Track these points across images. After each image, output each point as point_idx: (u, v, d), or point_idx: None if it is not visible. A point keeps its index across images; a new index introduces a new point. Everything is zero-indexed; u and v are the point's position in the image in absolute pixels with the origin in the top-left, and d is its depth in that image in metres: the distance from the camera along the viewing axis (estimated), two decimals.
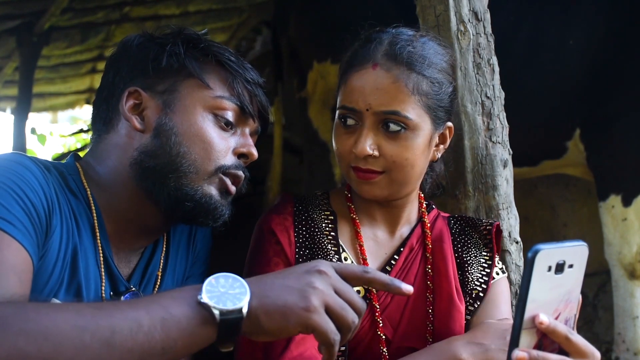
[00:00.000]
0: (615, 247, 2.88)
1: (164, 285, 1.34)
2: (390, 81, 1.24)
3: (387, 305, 1.32)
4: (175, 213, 1.25)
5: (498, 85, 1.64)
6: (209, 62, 1.28)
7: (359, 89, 1.25)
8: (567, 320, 0.93)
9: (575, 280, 0.92)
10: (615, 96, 2.81)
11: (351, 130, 1.28)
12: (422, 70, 1.27)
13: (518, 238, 1.61)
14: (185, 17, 5.42)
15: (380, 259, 1.36)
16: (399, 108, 1.24)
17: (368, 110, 1.24)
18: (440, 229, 1.41)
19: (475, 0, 1.61)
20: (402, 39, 1.28)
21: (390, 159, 1.26)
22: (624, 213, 2.84)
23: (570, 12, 2.87)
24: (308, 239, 1.31)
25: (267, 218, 1.34)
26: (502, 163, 1.61)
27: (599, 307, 3.79)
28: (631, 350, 2.88)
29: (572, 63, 2.86)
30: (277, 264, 1.28)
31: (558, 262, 0.88)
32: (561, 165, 3.19)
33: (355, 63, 1.28)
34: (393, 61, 1.25)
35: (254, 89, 1.31)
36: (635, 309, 2.88)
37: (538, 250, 0.86)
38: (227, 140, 1.27)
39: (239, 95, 1.28)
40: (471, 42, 1.60)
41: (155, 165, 1.22)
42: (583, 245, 0.91)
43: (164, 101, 1.25)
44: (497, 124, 1.62)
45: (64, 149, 8.16)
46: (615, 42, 2.79)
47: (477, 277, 1.37)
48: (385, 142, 1.26)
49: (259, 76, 1.33)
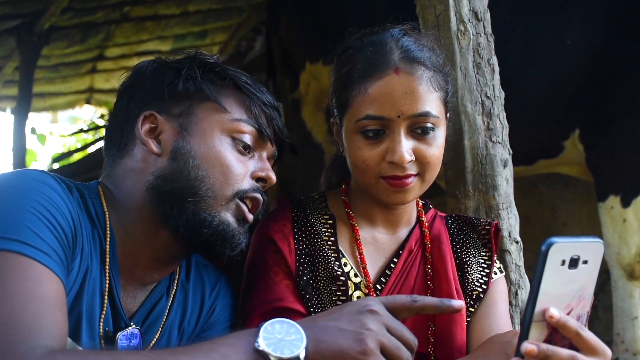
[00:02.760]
0: (614, 248, 2.88)
1: (169, 322, 1.29)
2: (416, 83, 1.23)
3: None
4: (192, 240, 1.22)
5: (498, 85, 1.64)
6: (225, 85, 1.27)
7: (386, 97, 1.22)
8: (580, 316, 0.92)
9: (589, 277, 0.91)
10: (614, 97, 2.81)
11: (377, 140, 1.25)
12: (436, 66, 1.27)
13: (518, 238, 1.61)
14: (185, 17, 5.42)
15: (380, 262, 1.35)
16: (428, 108, 1.23)
17: (399, 116, 1.22)
18: (438, 229, 1.41)
19: (475, 0, 1.61)
20: (411, 39, 1.28)
21: (425, 161, 1.25)
22: (623, 214, 2.84)
23: (569, 11, 2.87)
24: (308, 246, 1.30)
25: (266, 225, 1.33)
26: (502, 163, 1.61)
27: (599, 307, 3.79)
28: (630, 351, 2.88)
29: (570, 63, 2.86)
30: (277, 273, 1.27)
31: (572, 257, 0.87)
32: (556, 164, 3.19)
33: (372, 71, 1.24)
34: (412, 63, 1.24)
35: (271, 112, 1.29)
36: (634, 309, 2.88)
37: (552, 243, 0.86)
38: (246, 164, 1.25)
39: (257, 118, 1.26)
40: (471, 42, 1.60)
41: (172, 189, 1.19)
42: (599, 242, 0.90)
43: (181, 124, 1.23)
44: (497, 123, 1.62)
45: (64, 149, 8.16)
46: (614, 42, 2.79)
47: (477, 278, 1.36)
48: (418, 145, 1.24)
49: (275, 99, 1.32)
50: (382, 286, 1.31)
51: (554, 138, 3.01)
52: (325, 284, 1.27)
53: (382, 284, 1.32)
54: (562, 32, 2.85)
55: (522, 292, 1.58)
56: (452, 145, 1.61)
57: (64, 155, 7.18)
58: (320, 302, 1.25)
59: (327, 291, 1.26)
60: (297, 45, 3.68)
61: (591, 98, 2.84)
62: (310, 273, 1.27)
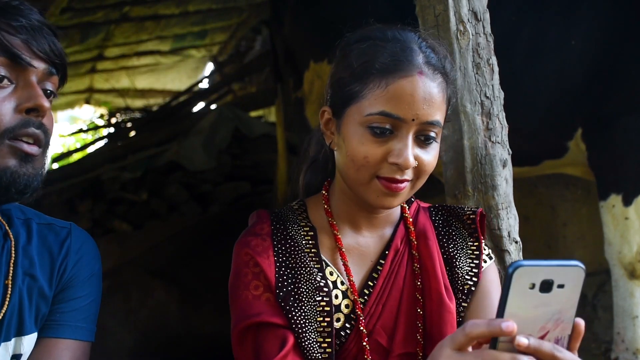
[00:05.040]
0: (615, 247, 2.87)
1: (16, 294, 1.22)
2: (436, 91, 1.21)
3: (380, 314, 1.29)
4: None
5: (497, 85, 1.63)
6: None
7: (407, 97, 1.19)
8: (558, 339, 0.90)
9: (568, 301, 0.88)
10: (616, 96, 2.81)
11: (383, 139, 1.21)
12: (453, 78, 1.26)
13: (517, 238, 1.61)
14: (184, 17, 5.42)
15: (367, 266, 1.32)
16: (439, 117, 1.22)
17: (414, 120, 1.19)
18: (423, 223, 1.38)
19: (474, 0, 1.60)
20: (430, 44, 1.26)
21: (423, 169, 1.23)
22: (625, 212, 2.83)
23: (573, 11, 2.87)
24: (289, 258, 1.28)
25: (245, 240, 1.30)
26: (502, 163, 1.60)
27: (599, 306, 3.79)
28: (630, 350, 2.88)
29: (574, 63, 2.86)
30: (257, 286, 1.25)
31: (544, 280, 0.85)
32: (562, 165, 3.19)
33: (398, 68, 1.20)
34: (434, 70, 1.22)
35: (28, 34, 1.16)
36: (634, 308, 2.88)
37: (517, 267, 0.84)
38: (7, 100, 1.13)
39: (4, 45, 1.13)
40: (470, 42, 1.60)
41: None
42: (578, 266, 0.87)
43: None
44: (496, 123, 1.61)
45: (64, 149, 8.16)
46: (617, 42, 2.79)
47: (467, 271, 1.33)
48: (420, 152, 1.22)
49: (38, 15, 1.20)
50: (371, 290, 1.29)
51: (558, 138, 3.02)
52: (308, 296, 1.24)
53: (370, 288, 1.30)
54: (566, 32, 2.86)
55: None
56: (451, 145, 1.61)
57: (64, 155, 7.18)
58: (302, 313, 1.23)
59: (310, 302, 1.24)
60: (301, 44, 3.67)
61: (593, 97, 2.85)
62: (291, 285, 1.25)
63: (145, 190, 5.24)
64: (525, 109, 2.78)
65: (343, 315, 1.27)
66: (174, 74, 7.84)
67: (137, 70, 7.30)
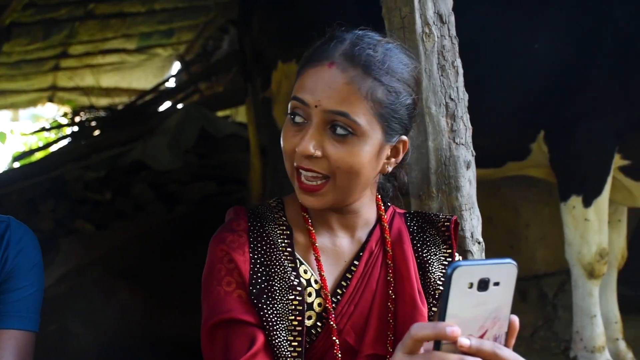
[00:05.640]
0: (575, 247, 2.93)
1: None
2: (344, 82, 1.20)
3: (352, 314, 1.29)
4: None
5: (462, 88, 1.65)
6: None
7: (311, 84, 1.21)
8: (497, 337, 0.91)
9: (504, 298, 0.90)
10: (578, 99, 2.87)
11: (299, 128, 1.23)
12: (379, 76, 1.22)
13: (480, 239, 1.63)
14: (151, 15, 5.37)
15: (340, 267, 1.32)
16: (348, 110, 1.19)
17: (317, 106, 1.20)
18: (398, 227, 1.38)
19: (440, 3, 1.62)
20: (364, 42, 1.24)
21: (335, 164, 1.21)
22: (585, 214, 2.89)
23: (536, 16, 2.92)
24: (264, 256, 1.27)
25: (221, 236, 1.29)
26: (465, 164, 1.62)
27: (559, 306, 3.86)
28: (588, 348, 2.94)
29: (537, 66, 2.91)
30: (230, 283, 1.25)
31: (482, 279, 0.87)
32: (525, 167, 3.24)
33: (313, 59, 1.24)
34: (350, 62, 1.21)
35: None
36: (593, 307, 2.94)
37: (456, 267, 0.86)
38: None
39: None
40: (436, 45, 1.61)
41: None
42: (511, 263, 0.89)
43: None
44: (460, 125, 1.63)
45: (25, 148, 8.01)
46: (579, 46, 2.85)
47: (439, 277, 1.35)
48: (331, 145, 1.21)
49: None
50: (343, 290, 1.30)
51: (521, 141, 3.07)
52: (281, 294, 1.24)
53: (343, 288, 1.30)
54: (530, 35, 2.91)
55: None
56: (416, 147, 1.63)
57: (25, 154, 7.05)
58: (274, 312, 1.23)
59: (282, 300, 1.24)
60: (269, 45, 3.67)
61: (556, 100, 2.90)
62: (265, 282, 1.25)
63: (109, 189, 5.17)
64: (490, 112, 2.82)
65: (315, 314, 1.27)
66: (140, 73, 7.76)
67: (102, 69, 7.20)
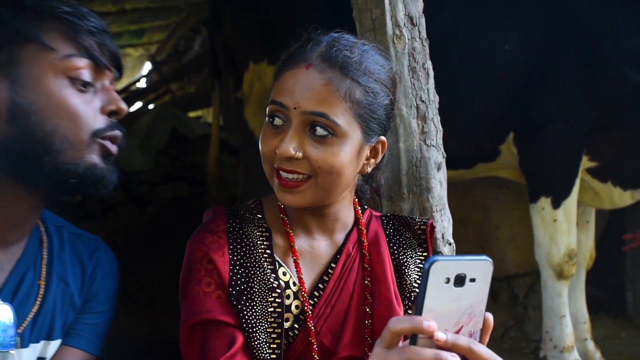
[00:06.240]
0: (544, 248, 2.97)
1: (51, 296, 1.23)
2: (322, 83, 1.21)
3: (328, 316, 1.30)
4: (58, 192, 1.17)
5: (433, 89, 1.66)
6: (43, 19, 1.13)
7: (290, 87, 1.22)
8: (472, 333, 0.93)
9: (479, 294, 0.91)
10: (546, 101, 2.91)
11: (278, 130, 1.24)
12: (356, 76, 1.23)
13: (451, 240, 1.64)
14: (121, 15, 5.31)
15: (318, 269, 1.33)
16: (327, 111, 1.20)
17: (296, 108, 1.20)
18: (375, 230, 1.40)
19: (410, 5, 1.63)
20: (341, 44, 1.25)
21: (315, 164, 1.22)
22: (554, 215, 2.93)
23: (506, 17, 2.95)
24: (243, 257, 1.27)
25: (200, 237, 1.29)
26: (436, 166, 1.63)
27: (529, 306, 3.90)
28: (558, 348, 2.98)
29: (507, 68, 2.94)
30: (209, 283, 1.25)
31: (458, 275, 0.88)
32: (495, 168, 3.27)
33: (290, 62, 1.25)
34: (327, 63, 1.22)
35: (100, 37, 1.18)
36: (562, 308, 2.98)
37: (434, 261, 0.87)
38: (92, 102, 1.16)
39: (87, 49, 1.15)
40: (406, 47, 1.62)
41: (23, 151, 1.11)
42: (487, 260, 0.90)
43: (8, 76, 1.11)
44: (431, 127, 1.64)
45: None
46: (548, 48, 2.88)
47: (414, 279, 1.36)
48: (311, 146, 1.21)
49: (100, 20, 1.20)
50: (320, 292, 1.30)
51: (491, 142, 3.09)
52: (261, 295, 1.24)
53: (320, 290, 1.31)
54: (500, 37, 2.93)
55: None
56: (387, 148, 1.63)
57: None
58: (254, 313, 1.23)
59: (262, 302, 1.24)
60: (240, 45, 3.65)
61: (525, 102, 2.93)
62: (244, 284, 1.25)
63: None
64: (460, 113, 2.84)
65: (292, 316, 1.28)
66: None
67: None
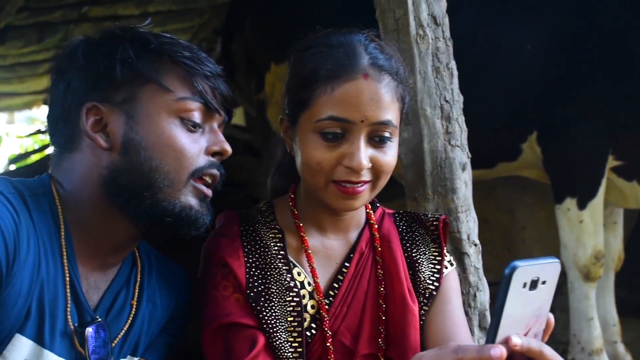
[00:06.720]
0: (570, 250, 2.93)
1: (140, 316, 1.29)
2: (383, 91, 1.22)
3: (345, 315, 1.31)
4: (154, 228, 1.21)
5: (457, 89, 1.65)
6: (164, 62, 1.21)
7: (353, 100, 1.20)
8: (537, 334, 0.93)
9: (547, 296, 0.91)
10: (571, 100, 2.87)
11: (335, 143, 1.23)
12: (402, 78, 1.28)
13: (477, 241, 1.63)
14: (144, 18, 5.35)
15: (332, 269, 1.34)
16: (390, 117, 1.23)
17: (363, 121, 1.20)
18: (387, 228, 1.40)
19: (434, 5, 1.62)
20: (375, 47, 1.27)
21: (380, 169, 1.24)
22: (580, 216, 2.89)
23: (528, 16, 2.92)
24: (258, 259, 1.29)
25: (214, 242, 1.31)
26: (461, 166, 1.62)
27: (556, 308, 3.85)
28: (586, 351, 2.94)
29: (529, 67, 2.91)
30: (226, 287, 1.26)
31: (533, 279, 0.88)
32: (516, 168, 3.23)
33: (343, 73, 1.22)
34: (380, 71, 1.23)
35: (215, 81, 1.25)
36: (590, 310, 2.94)
37: (516, 267, 0.85)
38: (198, 142, 1.22)
39: (201, 92, 1.22)
40: (430, 47, 1.61)
41: (128, 183, 1.17)
42: (556, 262, 0.90)
43: (126, 112, 1.18)
44: (456, 127, 1.63)
45: (21, 150, 7.99)
46: (571, 46, 2.85)
47: (428, 276, 1.36)
48: (375, 153, 1.23)
49: (216, 65, 1.27)
50: (336, 292, 1.31)
51: (512, 141, 3.06)
52: (279, 295, 1.26)
53: (335, 290, 1.32)
54: (523, 36, 2.90)
55: (480, 294, 1.60)
56: (411, 149, 1.62)
57: (21, 156, 7.03)
58: (273, 313, 1.25)
59: (280, 302, 1.26)
60: (262, 47, 3.66)
61: (548, 101, 2.90)
62: (261, 285, 1.26)
63: None
64: (481, 112, 2.82)
65: (309, 316, 1.29)
66: None
67: None
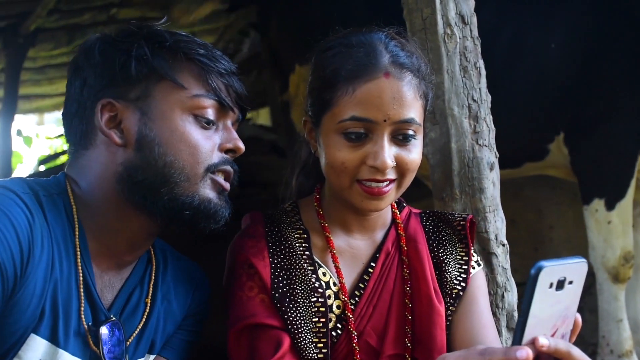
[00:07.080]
0: (599, 251, 2.89)
1: (155, 313, 1.30)
2: (405, 89, 1.22)
3: (371, 315, 1.30)
4: (172, 222, 1.23)
5: (485, 89, 1.64)
6: (178, 59, 1.22)
7: (375, 100, 1.20)
8: (564, 335, 0.92)
9: (574, 297, 0.90)
10: (598, 100, 2.84)
11: (358, 143, 1.23)
12: (424, 75, 1.27)
13: (505, 241, 1.62)
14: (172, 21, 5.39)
15: (358, 269, 1.34)
16: (413, 115, 1.22)
17: (386, 120, 1.20)
18: (414, 228, 1.39)
19: (462, 4, 1.61)
20: (396, 44, 1.27)
21: (405, 167, 1.24)
22: (608, 217, 2.86)
23: (553, 15, 2.89)
24: (283, 260, 1.29)
25: (240, 242, 1.32)
26: (489, 166, 1.61)
27: (585, 309, 3.81)
28: (615, 353, 2.90)
29: (555, 66, 2.88)
30: (252, 287, 1.27)
31: (559, 279, 0.87)
32: (543, 167, 3.21)
33: (363, 73, 1.22)
34: (401, 68, 1.23)
35: (229, 79, 1.26)
36: (619, 312, 2.90)
37: (542, 268, 0.85)
38: (212, 138, 1.23)
39: (215, 90, 1.23)
40: (458, 46, 1.61)
41: (144, 179, 1.18)
42: (583, 262, 0.89)
43: (140, 109, 1.20)
44: (483, 126, 1.62)
45: (50, 151, 8.10)
46: (599, 46, 2.81)
47: (455, 276, 1.35)
48: (400, 151, 1.23)
49: (231, 63, 1.28)
50: (362, 292, 1.31)
51: (539, 141, 3.04)
52: (304, 296, 1.26)
53: (361, 290, 1.31)
54: (547, 35, 2.88)
55: (508, 294, 1.59)
56: (439, 148, 1.62)
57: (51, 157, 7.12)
58: (298, 314, 1.25)
59: (305, 303, 1.26)
60: (286, 48, 3.68)
61: (576, 102, 2.87)
62: (287, 286, 1.26)
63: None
64: (507, 112, 2.80)
65: (334, 316, 1.29)
66: None
67: None
